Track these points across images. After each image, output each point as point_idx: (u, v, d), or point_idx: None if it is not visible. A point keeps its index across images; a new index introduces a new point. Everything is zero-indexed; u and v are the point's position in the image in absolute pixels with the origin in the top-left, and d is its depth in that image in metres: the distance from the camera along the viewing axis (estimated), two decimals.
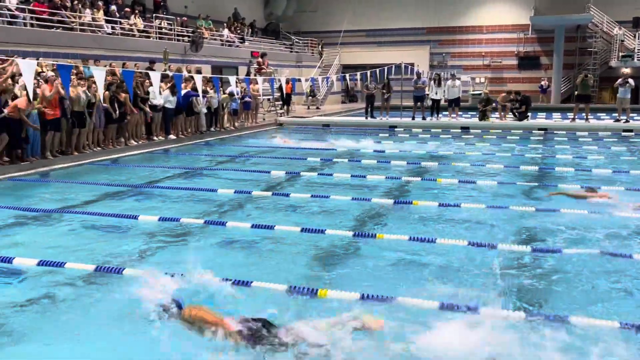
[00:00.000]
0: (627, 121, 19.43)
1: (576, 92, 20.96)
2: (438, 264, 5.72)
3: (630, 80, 19.46)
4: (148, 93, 14.57)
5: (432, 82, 22.04)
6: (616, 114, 20.36)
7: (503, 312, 4.42)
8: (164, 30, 21.85)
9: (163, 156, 13.68)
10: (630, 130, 18.11)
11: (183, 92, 15.57)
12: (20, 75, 11.26)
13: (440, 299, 4.61)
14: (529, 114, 21.12)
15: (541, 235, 6.66)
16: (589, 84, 20.30)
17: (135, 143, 14.39)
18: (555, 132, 18.54)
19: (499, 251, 6.00)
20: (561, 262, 5.72)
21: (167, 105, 15.21)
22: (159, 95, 14.67)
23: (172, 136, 15.65)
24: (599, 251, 5.90)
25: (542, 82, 31.71)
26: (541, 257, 5.87)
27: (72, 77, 11.75)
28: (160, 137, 15.41)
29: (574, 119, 20.29)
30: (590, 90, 20.39)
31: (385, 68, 23.10)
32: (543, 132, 18.51)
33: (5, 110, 10.34)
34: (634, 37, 29.43)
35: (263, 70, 25.23)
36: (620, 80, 19.66)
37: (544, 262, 5.75)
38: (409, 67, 24.01)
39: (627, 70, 24.36)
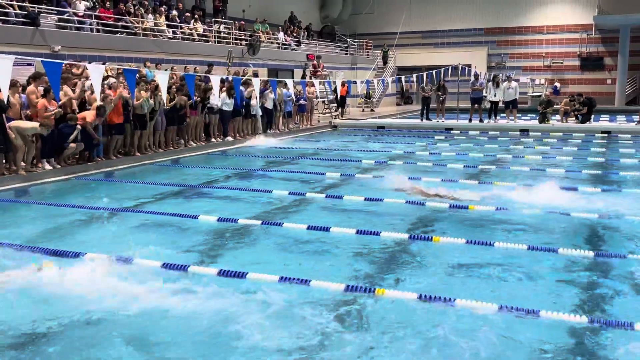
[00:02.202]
0: None
1: None
2: (499, 269, 5.63)
3: None
4: (208, 97, 14.93)
5: (490, 83, 21.64)
6: None
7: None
8: (222, 34, 22.32)
9: (221, 157, 13.97)
10: None
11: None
12: (87, 78, 11.82)
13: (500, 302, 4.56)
14: (592, 116, 20.45)
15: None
16: None
17: (195, 144, 14.76)
18: (619, 135, 17.87)
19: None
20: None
21: (225, 108, 15.54)
22: (218, 98, 15.01)
23: (229, 138, 15.97)
24: None
25: (556, 83, 30.72)
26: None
27: (140, 82, 12.24)
28: (218, 139, 15.75)
29: (639, 122, 19.51)
30: None
31: (442, 70, 22.85)
32: (607, 135, 17.88)
33: (79, 125, 10.84)
34: None
35: (318, 73, 25.40)
36: None
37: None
38: (466, 68, 23.66)
39: None
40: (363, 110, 29.07)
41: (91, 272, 5.36)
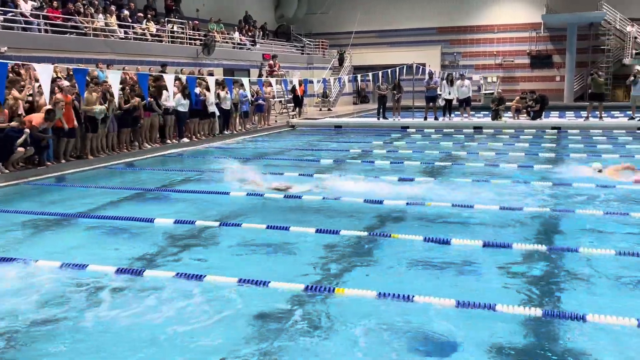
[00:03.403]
0: None
1: (589, 91, 20.84)
2: (453, 264, 5.72)
3: None
4: (160, 96, 14.68)
5: (444, 82, 21.98)
6: (630, 112, 20.20)
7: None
8: (176, 34, 22.00)
9: (177, 159, 13.77)
10: None
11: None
12: (37, 81, 11.45)
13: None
14: (543, 112, 21.01)
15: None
16: (599, 82, 20.16)
17: (150, 146, 14.50)
18: (568, 130, 18.41)
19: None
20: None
21: (180, 109, 15.32)
22: (172, 99, 14.78)
23: (185, 139, 15.76)
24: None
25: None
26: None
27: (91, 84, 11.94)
28: (174, 141, 15.52)
29: (587, 118, 20.18)
30: (604, 88, 20.25)
31: (397, 68, 23.09)
32: (556, 131, 18.40)
33: (26, 129, 10.49)
34: None
35: (275, 73, 25.32)
36: (630, 77, 19.58)
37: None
38: (421, 67, 23.96)
39: (639, 68, 24.12)
40: (320, 110, 29.15)
41: (41, 278, 5.21)
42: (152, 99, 14.23)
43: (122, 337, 4.20)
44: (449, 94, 21.49)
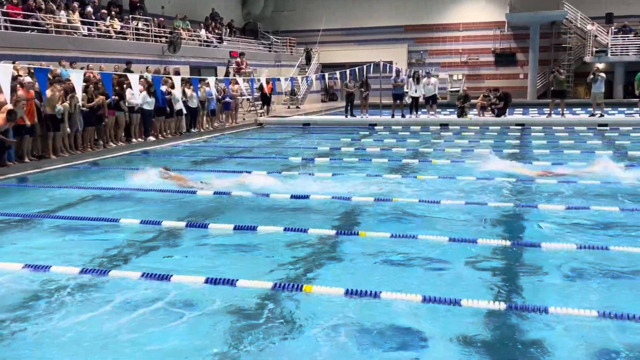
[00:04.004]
0: (601, 115, 19.77)
1: (552, 88, 21.30)
2: (419, 260, 5.79)
3: (602, 73, 19.91)
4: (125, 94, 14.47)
5: (411, 79, 22.19)
6: (591, 109, 20.72)
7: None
8: (141, 32, 21.68)
9: (143, 158, 13.58)
10: (605, 125, 18.42)
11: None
12: None
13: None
14: (507, 109, 21.39)
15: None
16: (560, 79, 20.61)
17: (114, 145, 14.28)
18: (532, 127, 18.78)
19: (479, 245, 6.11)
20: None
21: (145, 107, 15.12)
22: (137, 97, 14.57)
23: (151, 138, 15.56)
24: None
25: None
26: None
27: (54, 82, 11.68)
28: (140, 139, 15.31)
29: (550, 115, 20.62)
30: (566, 85, 20.75)
31: (364, 66, 23.20)
32: (520, 127, 18.75)
33: None
34: (607, 32, 29.93)
35: (242, 70, 25.19)
36: (590, 75, 20.11)
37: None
38: (388, 65, 24.14)
39: (599, 65, 24.79)
40: (289, 108, 29.10)
41: (1, 280, 5.10)
42: (116, 97, 14.01)
43: (81, 340, 4.12)
44: (416, 91, 21.73)
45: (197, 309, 4.60)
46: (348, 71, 22.81)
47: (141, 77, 14.44)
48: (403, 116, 21.80)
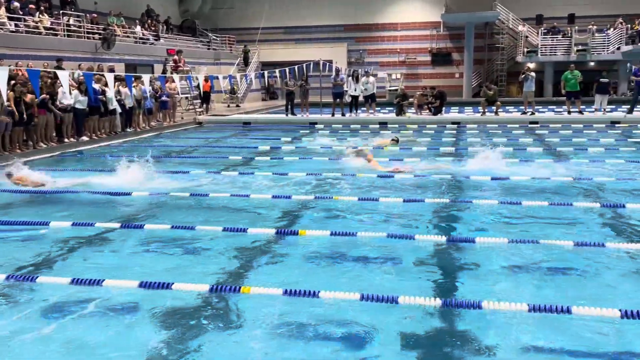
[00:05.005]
0: (532, 113, 20.54)
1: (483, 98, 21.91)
2: (361, 259, 5.82)
3: (532, 73, 20.71)
4: (56, 93, 13.93)
5: (350, 78, 22.38)
6: (523, 107, 21.48)
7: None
8: (72, 28, 20.93)
9: (75, 159, 13.11)
10: (536, 122, 19.13)
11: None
12: None
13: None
14: (444, 108, 21.89)
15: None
16: (489, 94, 21.23)
17: (45, 146, 13.72)
18: (467, 125, 19.29)
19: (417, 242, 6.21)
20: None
21: (78, 106, 14.60)
22: (69, 95, 14.05)
23: (84, 137, 15.04)
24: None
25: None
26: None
27: None
28: (72, 139, 14.77)
29: (483, 113, 21.24)
30: (495, 96, 21.43)
31: (304, 65, 23.23)
32: (456, 125, 19.22)
33: None
34: (537, 33, 31.12)
35: (180, 68, 24.71)
36: (522, 75, 20.87)
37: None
38: (327, 64, 24.25)
39: (530, 65, 25.73)
40: (229, 106, 28.78)
41: None
42: (46, 96, 13.45)
43: (7, 349, 3.93)
44: (355, 90, 21.93)
45: (130, 315, 4.47)
46: (288, 70, 22.76)
47: (73, 74, 13.95)
48: (343, 115, 21.95)
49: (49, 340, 4.08)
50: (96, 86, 15.13)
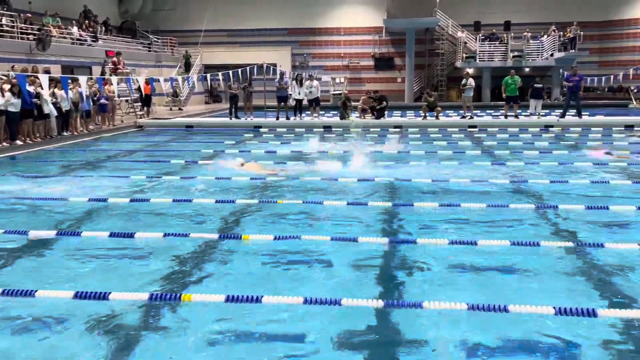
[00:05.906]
0: (471, 117, 21.12)
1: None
2: (304, 262, 5.82)
3: (471, 80, 21.32)
4: None
5: (294, 82, 22.39)
6: (462, 111, 22.06)
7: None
8: (5, 28, 20.08)
9: (8, 164, 12.56)
10: (474, 126, 19.67)
11: None
12: None
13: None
14: (386, 112, 22.21)
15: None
16: (430, 100, 21.83)
17: None
18: (409, 129, 19.63)
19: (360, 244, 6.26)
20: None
21: (11, 109, 14.00)
22: (1, 98, 13.46)
23: (18, 142, 14.44)
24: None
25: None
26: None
27: None
28: (5, 144, 14.16)
29: (424, 117, 21.69)
30: (436, 102, 22.00)
31: (248, 68, 23.08)
32: (399, 129, 19.52)
33: None
34: (475, 39, 32.03)
35: (119, 70, 24.09)
36: (463, 81, 21.47)
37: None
38: (272, 67, 24.19)
39: (469, 70, 26.49)
40: (171, 109, 28.28)
41: None
42: None
43: None
44: (299, 94, 21.96)
45: (63, 327, 4.30)
46: (231, 73, 22.58)
47: (5, 75, 13.39)
48: (287, 118, 21.94)
49: None
50: (30, 88, 14.56)
